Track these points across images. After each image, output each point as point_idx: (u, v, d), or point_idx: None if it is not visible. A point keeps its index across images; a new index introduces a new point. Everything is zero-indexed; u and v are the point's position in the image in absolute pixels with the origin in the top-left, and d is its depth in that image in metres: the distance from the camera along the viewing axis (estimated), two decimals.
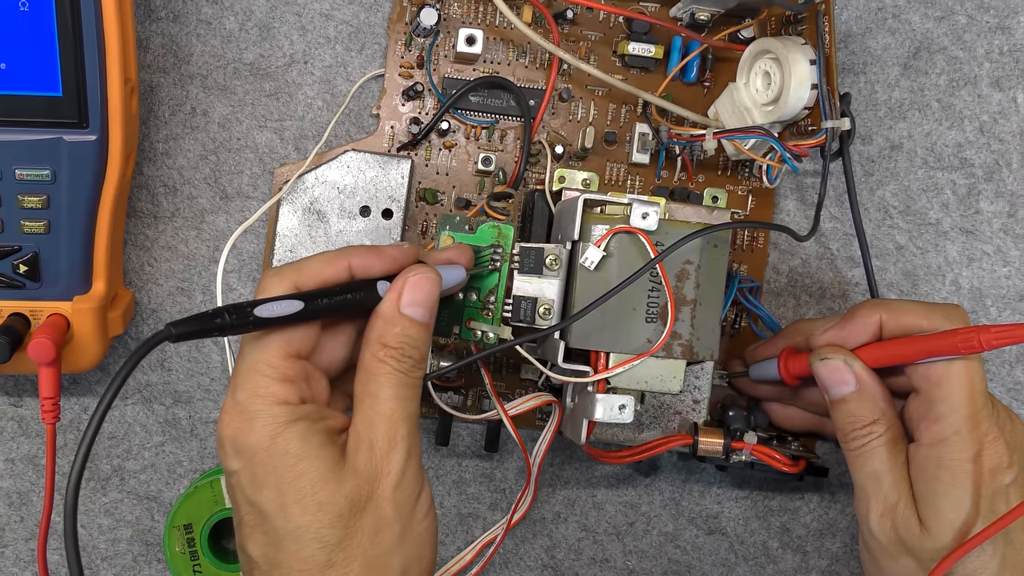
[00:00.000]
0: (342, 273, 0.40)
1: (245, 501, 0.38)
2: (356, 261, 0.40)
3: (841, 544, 0.60)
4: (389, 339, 0.39)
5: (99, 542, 0.56)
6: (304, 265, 0.40)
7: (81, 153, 0.46)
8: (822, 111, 0.49)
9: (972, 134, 0.60)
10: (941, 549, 0.44)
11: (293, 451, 0.37)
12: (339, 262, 0.40)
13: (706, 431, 0.52)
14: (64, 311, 0.49)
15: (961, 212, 0.60)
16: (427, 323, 0.40)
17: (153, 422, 0.56)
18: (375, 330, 0.40)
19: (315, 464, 0.37)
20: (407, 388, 0.39)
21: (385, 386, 0.39)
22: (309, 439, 0.37)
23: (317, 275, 0.39)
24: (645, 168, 0.57)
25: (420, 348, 0.40)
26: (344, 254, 0.40)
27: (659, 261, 0.46)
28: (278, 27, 0.55)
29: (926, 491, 0.45)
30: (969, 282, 0.60)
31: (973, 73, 0.59)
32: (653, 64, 0.56)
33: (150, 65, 0.54)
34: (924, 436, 0.45)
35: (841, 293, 0.60)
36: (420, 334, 0.40)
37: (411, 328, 0.40)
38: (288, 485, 0.37)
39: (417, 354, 0.40)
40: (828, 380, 0.47)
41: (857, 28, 0.59)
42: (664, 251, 0.46)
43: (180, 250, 0.55)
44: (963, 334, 0.43)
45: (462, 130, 0.56)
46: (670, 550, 0.60)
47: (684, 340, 0.47)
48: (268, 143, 0.55)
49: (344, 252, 0.40)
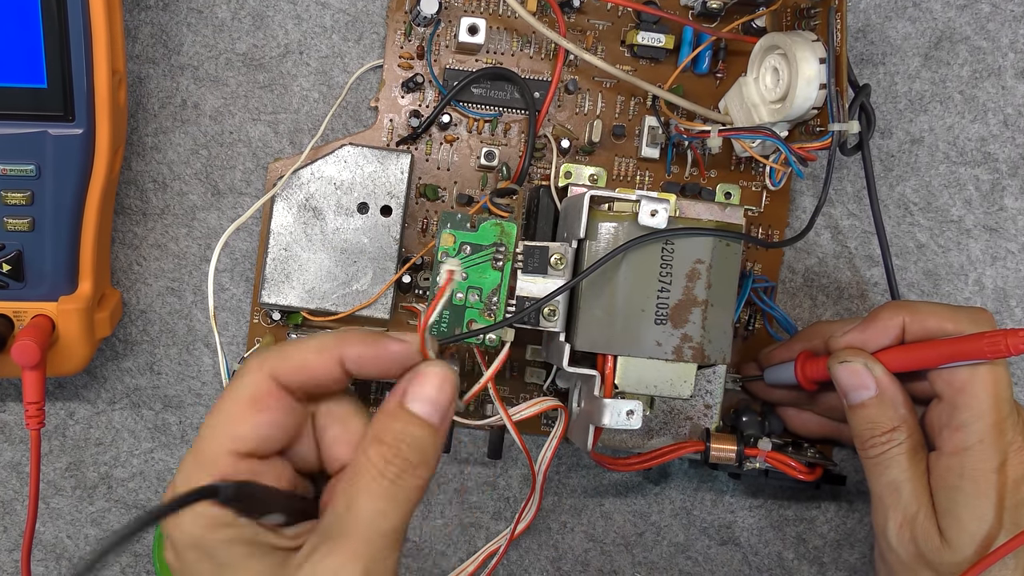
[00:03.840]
0: (331, 368, 0.36)
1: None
2: (351, 354, 0.36)
3: (859, 555, 0.60)
4: (385, 435, 0.35)
5: (85, 553, 0.56)
6: (289, 352, 0.36)
7: (67, 147, 0.46)
8: (829, 113, 0.49)
9: (996, 127, 0.59)
10: (962, 562, 0.44)
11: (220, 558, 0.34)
12: (330, 353, 0.36)
13: (718, 437, 0.52)
14: (49, 312, 0.49)
15: (984, 209, 0.59)
16: (435, 425, 0.35)
17: (142, 428, 0.56)
18: (375, 426, 0.36)
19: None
20: (389, 500, 0.34)
21: (363, 490, 0.34)
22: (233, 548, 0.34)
23: (302, 367, 0.36)
24: (655, 163, 0.56)
25: (422, 452, 0.35)
26: (339, 343, 0.36)
27: (623, 251, 0.46)
28: (272, 16, 0.55)
29: (947, 502, 0.45)
30: (993, 282, 0.60)
31: (997, 64, 0.59)
32: (663, 54, 0.55)
33: (139, 55, 0.54)
34: (946, 444, 0.45)
35: (859, 293, 0.59)
36: (425, 435, 0.35)
37: (413, 426, 0.35)
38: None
39: (416, 458, 0.35)
40: (847, 384, 0.47)
41: (876, 17, 0.59)
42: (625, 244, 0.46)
43: (170, 248, 0.55)
44: (989, 338, 0.43)
45: (464, 123, 0.55)
46: (681, 561, 0.59)
47: (695, 343, 0.47)
48: (262, 137, 0.55)
49: (339, 340, 0.36)
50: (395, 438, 0.35)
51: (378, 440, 0.35)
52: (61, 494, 0.56)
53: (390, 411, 0.35)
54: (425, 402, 0.35)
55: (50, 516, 0.56)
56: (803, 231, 0.52)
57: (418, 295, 0.55)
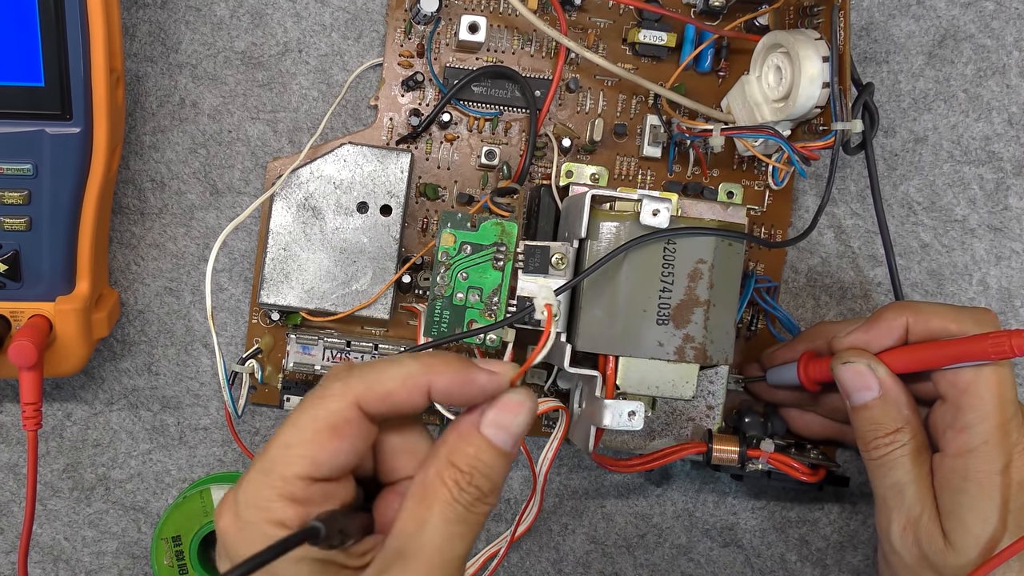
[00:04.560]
0: (417, 398, 0.35)
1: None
2: (439, 384, 0.35)
3: (863, 557, 0.60)
4: (458, 458, 0.35)
5: (83, 555, 0.56)
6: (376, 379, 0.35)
7: (64, 146, 0.46)
8: (832, 112, 0.49)
9: (1000, 126, 0.59)
10: (966, 565, 0.43)
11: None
12: (417, 382, 0.35)
13: (721, 438, 0.52)
14: (46, 312, 0.49)
15: (989, 208, 0.59)
16: (508, 452, 0.35)
17: (140, 429, 0.56)
18: (445, 444, 0.35)
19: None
20: (462, 525, 0.34)
21: (437, 515, 0.34)
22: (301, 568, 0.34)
23: (387, 396, 0.35)
24: (657, 162, 0.56)
25: (493, 479, 0.35)
26: (426, 372, 0.35)
27: (624, 251, 0.46)
28: (271, 14, 0.55)
29: (951, 504, 0.45)
30: (997, 282, 0.60)
31: (1002, 62, 0.59)
32: (665, 52, 0.55)
33: (137, 54, 0.54)
34: (950, 446, 0.45)
35: (863, 293, 0.59)
36: (497, 463, 0.35)
37: (487, 452, 0.35)
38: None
39: (487, 486, 0.35)
40: (850, 385, 0.47)
41: (879, 15, 0.58)
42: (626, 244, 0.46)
43: (168, 248, 0.55)
44: (994, 339, 0.42)
45: (464, 122, 0.55)
46: (683, 563, 0.59)
47: (697, 343, 0.47)
48: (261, 136, 0.55)
49: (426, 369, 0.35)
50: (469, 464, 0.35)
51: (452, 464, 0.35)
52: (58, 495, 0.56)
53: (464, 433, 0.35)
54: (502, 429, 0.35)
55: (47, 518, 0.56)
56: (806, 231, 0.52)
57: (418, 295, 0.55)
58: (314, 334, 0.52)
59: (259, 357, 0.54)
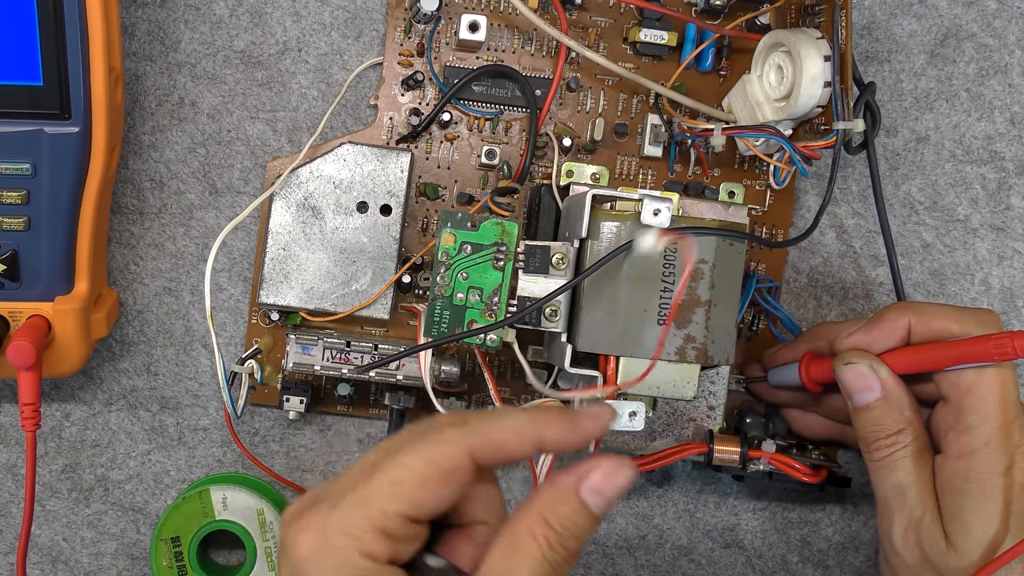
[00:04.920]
0: (527, 450, 0.36)
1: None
2: (550, 437, 0.36)
3: (864, 559, 0.60)
4: (552, 517, 0.35)
5: (81, 556, 0.56)
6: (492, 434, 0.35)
7: (63, 146, 0.46)
8: (834, 111, 0.49)
9: (1003, 125, 0.59)
10: (968, 567, 0.43)
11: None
12: (528, 436, 0.36)
13: (722, 439, 0.52)
14: (45, 312, 0.49)
15: (991, 208, 0.59)
16: (598, 518, 0.36)
17: (139, 429, 0.56)
18: (541, 499, 0.35)
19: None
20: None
21: (526, 570, 0.34)
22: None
23: (499, 448, 0.35)
24: (658, 161, 0.56)
25: (581, 540, 0.35)
26: (537, 426, 0.36)
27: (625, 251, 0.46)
28: (270, 12, 0.55)
29: (953, 505, 0.45)
30: (1000, 282, 0.60)
31: (1004, 61, 0.59)
32: (666, 52, 0.55)
33: (135, 53, 0.54)
34: (952, 447, 0.45)
35: (865, 293, 0.59)
36: (589, 526, 0.35)
37: (582, 516, 0.35)
38: None
39: (575, 547, 0.35)
40: (852, 386, 0.47)
41: (881, 14, 0.58)
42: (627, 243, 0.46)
43: (167, 248, 0.55)
44: (996, 340, 0.42)
45: (464, 121, 0.55)
46: (684, 564, 0.59)
47: (698, 343, 0.47)
48: (260, 135, 0.55)
49: (537, 423, 0.36)
50: (563, 526, 0.35)
51: (544, 522, 0.35)
52: (57, 496, 0.56)
53: (563, 493, 0.35)
54: (600, 495, 0.36)
55: (46, 519, 0.56)
56: (807, 230, 0.52)
57: (418, 295, 0.55)
58: (314, 334, 0.51)
59: (258, 357, 0.54)
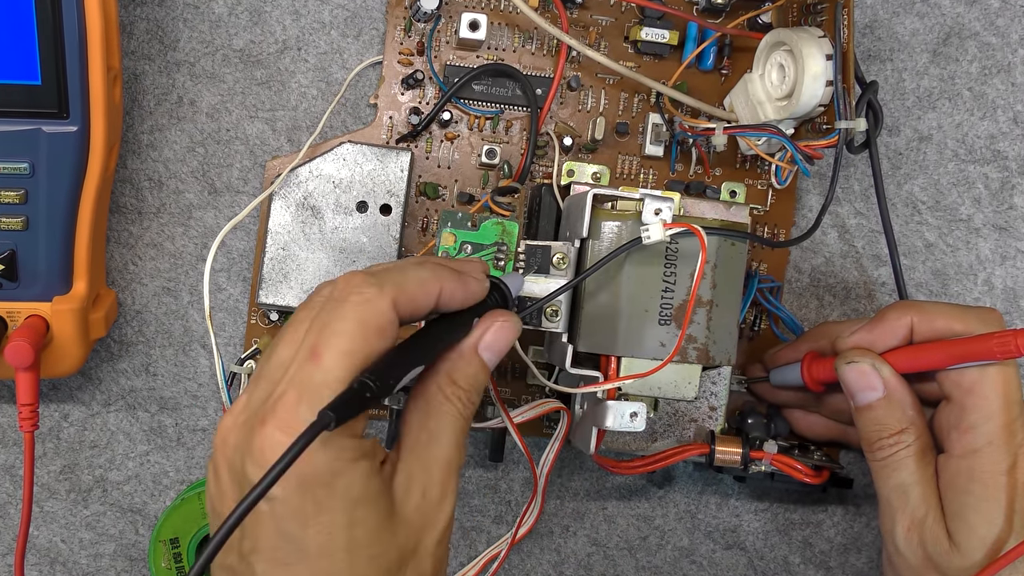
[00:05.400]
0: (431, 302, 0.38)
1: (278, 532, 0.34)
2: (446, 289, 0.38)
3: (867, 560, 0.60)
4: (460, 378, 0.39)
5: (80, 557, 0.56)
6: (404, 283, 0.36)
7: (61, 145, 0.46)
8: (836, 110, 0.49)
9: (1006, 125, 0.59)
10: (971, 567, 0.43)
11: (354, 494, 0.35)
12: (432, 287, 0.37)
13: (723, 440, 0.52)
14: (43, 312, 0.49)
15: (994, 207, 0.59)
16: (490, 371, 0.40)
17: (137, 430, 0.56)
18: (447, 362, 0.39)
19: (372, 513, 0.35)
20: (464, 435, 0.39)
21: (448, 427, 0.38)
22: (370, 482, 0.35)
23: (413, 299, 0.37)
24: (659, 161, 0.56)
25: (480, 395, 0.39)
26: (437, 278, 0.38)
27: (626, 250, 0.46)
28: (270, 11, 0.55)
29: (956, 505, 0.44)
30: (1002, 281, 0.60)
31: (1007, 60, 0.59)
32: (668, 51, 0.55)
33: (134, 52, 0.54)
34: (955, 447, 0.45)
35: (867, 293, 0.59)
36: (485, 380, 0.40)
37: (482, 372, 0.39)
38: (341, 531, 0.34)
39: (478, 400, 0.39)
40: (854, 385, 0.47)
41: (884, 12, 0.58)
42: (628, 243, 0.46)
43: (166, 248, 0.55)
44: (999, 338, 0.42)
45: (465, 121, 0.55)
46: (685, 566, 0.59)
47: (700, 343, 0.47)
48: (259, 134, 0.55)
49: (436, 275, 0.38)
50: (468, 383, 0.39)
51: (453, 382, 0.38)
52: (55, 497, 0.56)
53: (467, 355, 0.39)
54: (494, 352, 0.39)
55: (44, 520, 0.56)
56: (809, 230, 0.52)
57: None
58: None
59: (257, 358, 0.54)
